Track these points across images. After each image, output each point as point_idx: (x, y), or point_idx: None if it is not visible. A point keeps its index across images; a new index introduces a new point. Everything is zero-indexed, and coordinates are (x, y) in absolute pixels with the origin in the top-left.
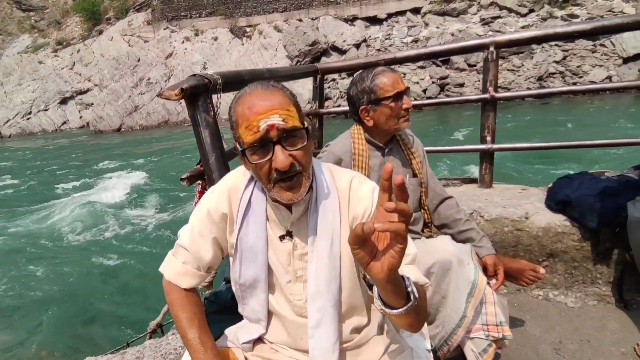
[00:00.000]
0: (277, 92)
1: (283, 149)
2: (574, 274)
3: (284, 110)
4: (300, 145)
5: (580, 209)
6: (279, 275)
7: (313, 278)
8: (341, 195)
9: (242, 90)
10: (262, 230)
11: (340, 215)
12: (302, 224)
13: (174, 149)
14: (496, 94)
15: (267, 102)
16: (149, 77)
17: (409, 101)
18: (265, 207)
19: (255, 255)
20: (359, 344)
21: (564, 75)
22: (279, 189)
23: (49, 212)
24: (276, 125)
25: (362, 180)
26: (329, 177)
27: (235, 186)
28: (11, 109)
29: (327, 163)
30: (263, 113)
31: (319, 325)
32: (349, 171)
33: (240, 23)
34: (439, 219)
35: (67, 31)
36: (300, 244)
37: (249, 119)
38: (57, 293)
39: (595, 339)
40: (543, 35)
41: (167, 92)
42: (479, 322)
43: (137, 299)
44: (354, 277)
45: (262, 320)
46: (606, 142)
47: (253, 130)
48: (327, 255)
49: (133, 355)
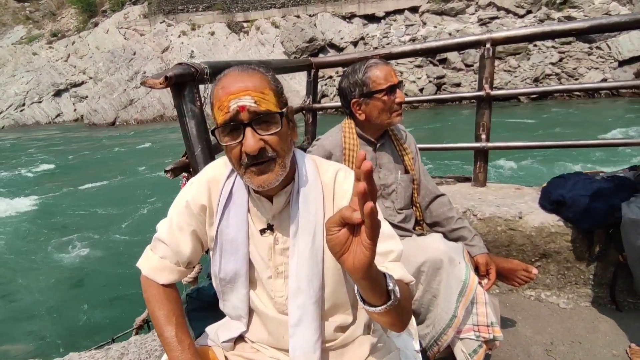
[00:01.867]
0: (255, 74)
1: (254, 132)
2: (566, 275)
3: (258, 93)
4: (274, 130)
5: (574, 209)
6: (260, 270)
7: (294, 274)
8: (326, 189)
9: (222, 72)
10: (243, 222)
11: (325, 209)
12: (284, 217)
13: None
14: (492, 91)
15: (240, 84)
16: (145, 70)
17: (402, 95)
18: (247, 199)
19: (235, 248)
20: (343, 344)
21: (559, 77)
22: (250, 174)
23: (35, 205)
24: (247, 107)
25: (347, 173)
26: (313, 170)
27: (216, 177)
28: (4, 101)
29: (312, 155)
30: (235, 93)
31: (299, 324)
32: (334, 164)
33: (237, 18)
34: (431, 216)
35: (62, 23)
36: (282, 238)
37: (220, 99)
38: (41, 288)
39: (587, 341)
40: (540, 33)
41: (152, 80)
42: (469, 322)
43: (122, 293)
44: (337, 273)
45: (242, 317)
46: (600, 142)
47: (224, 111)
48: (308, 250)
49: (117, 351)
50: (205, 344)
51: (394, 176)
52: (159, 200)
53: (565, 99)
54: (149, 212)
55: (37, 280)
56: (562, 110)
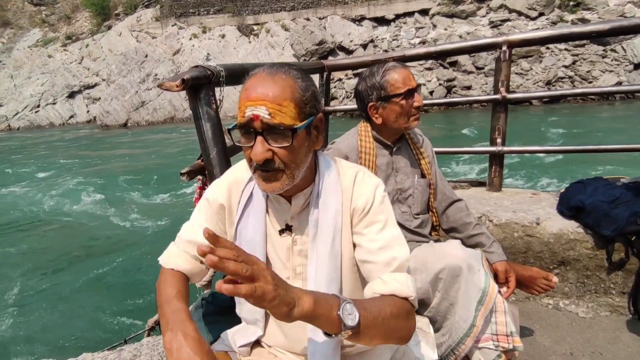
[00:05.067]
0: (281, 81)
1: (264, 141)
2: (586, 283)
3: (275, 105)
4: (284, 144)
5: (594, 215)
6: (278, 271)
7: (312, 278)
8: (345, 192)
9: (256, 69)
10: (261, 223)
11: (343, 213)
12: (303, 219)
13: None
14: (508, 94)
15: (261, 90)
16: (156, 73)
17: (420, 99)
18: (265, 200)
19: (253, 249)
20: (361, 350)
21: (573, 80)
22: (257, 176)
23: (47, 202)
24: (260, 117)
25: (367, 174)
26: (335, 174)
27: (237, 180)
28: (20, 102)
29: (335, 157)
30: (252, 100)
31: (317, 329)
32: (355, 166)
33: (247, 21)
34: (448, 222)
35: (77, 26)
36: (300, 239)
37: (241, 101)
38: (55, 287)
39: (609, 352)
40: (558, 35)
41: (168, 82)
42: (488, 331)
43: (135, 295)
44: (355, 277)
45: (259, 320)
46: (621, 147)
47: (241, 114)
48: (327, 254)
49: (130, 353)
50: (222, 349)
51: (410, 180)
52: (173, 201)
53: (578, 103)
54: (165, 214)
55: (51, 281)
56: (575, 114)
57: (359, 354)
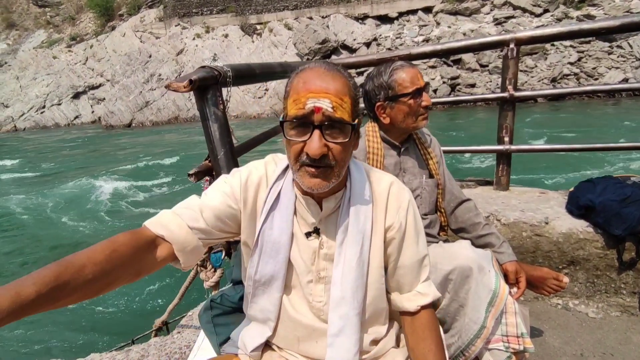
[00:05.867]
0: (339, 77)
1: (321, 136)
2: (596, 283)
3: (337, 98)
4: (341, 140)
5: (604, 214)
6: (300, 273)
7: (338, 283)
8: (378, 199)
9: (307, 64)
10: (288, 225)
11: (373, 221)
12: (331, 223)
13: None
14: (516, 92)
15: (323, 84)
16: (160, 73)
17: (428, 98)
18: (294, 201)
19: (277, 250)
20: (376, 356)
21: (578, 77)
22: (303, 172)
23: (56, 201)
24: (323, 110)
25: (400, 186)
26: (365, 180)
27: (264, 177)
28: (26, 103)
29: (363, 163)
30: (315, 92)
31: (340, 334)
32: (385, 174)
33: (250, 20)
34: (456, 222)
35: (81, 27)
36: (327, 243)
37: (299, 93)
38: None
39: (619, 353)
40: (567, 32)
41: (176, 83)
42: (498, 332)
43: (142, 295)
44: (380, 286)
45: (271, 320)
46: (630, 145)
47: (299, 106)
48: (355, 261)
49: (138, 353)
50: (232, 351)
51: (418, 180)
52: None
53: (584, 100)
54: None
55: None
56: (581, 112)
57: (374, 359)
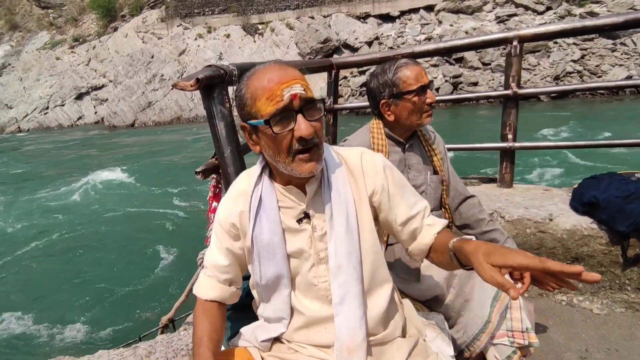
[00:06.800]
0: (291, 66)
1: (304, 118)
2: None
3: (303, 82)
4: (318, 116)
5: (608, 211)
6: (302, 262)
7: (333, 255)
8: (354, 169)
9: (254, 68)
10: (276, 224)
11: (353, 188)
12: (318, 203)
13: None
14: (519, 90)
15: (287, 73)
16: (162, 73)
17: (432, 95)
18: (276, 200)
19: (273, 251)
20: (383, 341)
21: (581, 75)
22: (299, 161)
23: (63, 201)
24: (299, 95)
25: (371, 153)
26: (335, 155)
27: (243, 190)
28: (29, 104)
29: (328, 145)
30: (286, 82)
31: (342, 302)
32: (354, 148)
33: (252, 20)
34: (461, 218)
35: (84, 28)
36: (319, 224)
37: (271, 89)
38: (70, 285)
39: (624, 348)
40: (571, 29)
41: (183, 82)
42: (503, 327)
43: (149, 292)
44: (375, 251)
45: (284, 318)
46: (637, 142)
47: (276, 100)
48: (344, 231)
49: (145, 350)
50: (242, 344)
51: (423, 177)
52: (186, 199)
53: (587, 98)
54: (178, 212)
55: (66, 279)
56: (584, 109)
57: (378, 345)
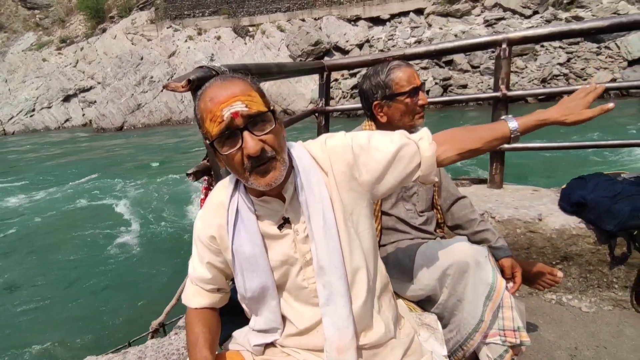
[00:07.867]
0: (237, 80)
1: (251, 134)
2: (588, 278)
3: (246, 96)
4: (269, 128)
5: (596, 211)
6: (290, 266)
7: (315, 256)
8: (323, 164)
9: (204, 85)
10: (256, 235)
11: (328, 185)
12: (295, 207)
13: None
14: (508, 92)
15: (227, 91)
16: (152, 75)
17: (425, 97)
18: (253, 210)
19: (255, 263)
20: (377, 344)
21: (567, 78)
22: (255, 176)
23: (51, 206)
24: (240, 112)
25: (332, 135)
26: (305, 153)
27: (219, 203)
28: (15, 106)
29: (299, 142)
30: (224, 102)
31: (328, 302)
32: (319, 138)
33: (243, 22)
34: (453, 219)
35: (71, 29)
36: (300, 227)
37: (212, 111)
38: (58, 290)
39: (613, 346)
40: (558, 32)
41: (174, 83)
42: (495, 326)
43: (139, 297)
44: (356, 245)
45: (277, 328)
46: (621, 143)
47: (218, 121)
48: (322, 229)
49: (135, 355)
50: (234, 348)
51: None
52: (175, 203)
53: None
54: (167, 215)
55: (54, 283)
56: None
57: (371, 348)
